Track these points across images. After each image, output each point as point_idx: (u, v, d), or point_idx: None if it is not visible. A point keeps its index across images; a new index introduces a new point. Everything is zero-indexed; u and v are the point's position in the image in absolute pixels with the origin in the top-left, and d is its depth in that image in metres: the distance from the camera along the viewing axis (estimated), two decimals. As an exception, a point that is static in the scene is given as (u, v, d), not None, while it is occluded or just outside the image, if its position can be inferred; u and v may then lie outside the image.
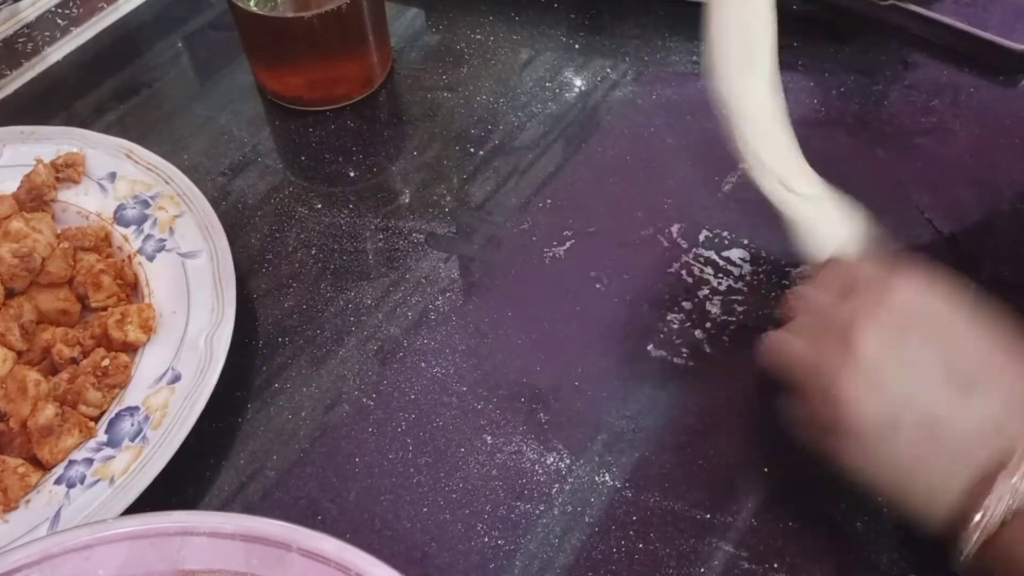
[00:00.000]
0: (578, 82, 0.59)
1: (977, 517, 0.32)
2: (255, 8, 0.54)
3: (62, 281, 0.46)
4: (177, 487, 0.41)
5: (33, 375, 0.42)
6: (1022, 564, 0.32)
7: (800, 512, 0.40)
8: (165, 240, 0.48)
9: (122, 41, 0.64)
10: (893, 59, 0.58)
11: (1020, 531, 0.32)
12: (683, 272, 0.48)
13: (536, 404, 0.44)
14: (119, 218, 0.49)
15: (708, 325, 0.46)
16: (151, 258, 0.47)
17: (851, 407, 0.35)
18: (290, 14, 0.54)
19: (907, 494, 0.35)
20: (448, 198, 0.53)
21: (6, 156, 0.52)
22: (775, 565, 0.38)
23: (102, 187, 0.51)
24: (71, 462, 0.40)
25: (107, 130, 0.55)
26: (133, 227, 0.49)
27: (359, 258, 0.50)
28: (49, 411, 0.40)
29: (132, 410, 0.42)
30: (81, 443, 0.41)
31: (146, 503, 0.39)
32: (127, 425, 0.41)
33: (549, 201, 0.52)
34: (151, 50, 0.63)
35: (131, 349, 0.44)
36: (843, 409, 0.35)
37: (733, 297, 0.47)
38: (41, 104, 0.60)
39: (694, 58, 0.60)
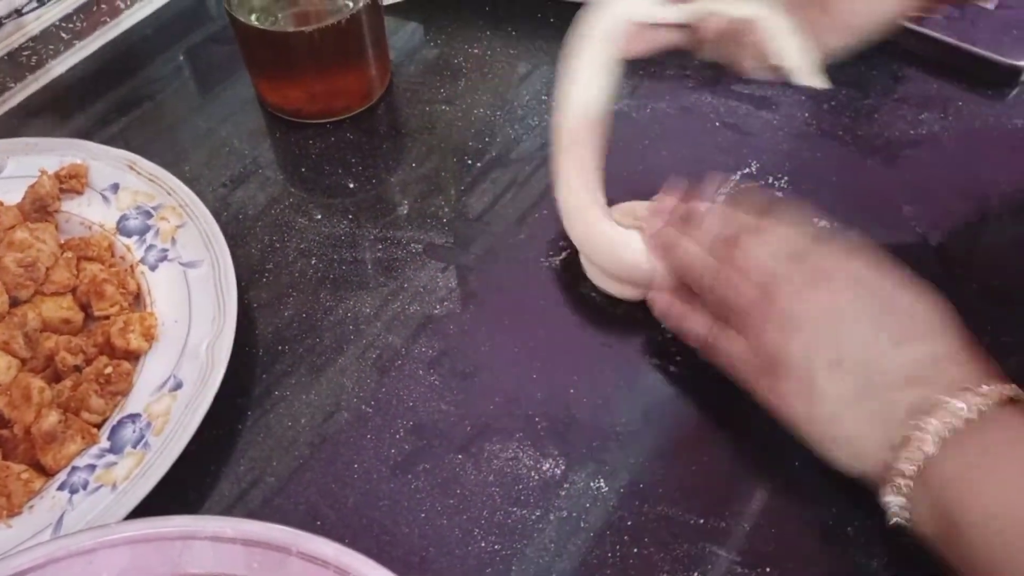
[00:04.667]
0: (574, 95, 0.60)
1: (901, 464, 0.34)
2: (256, 22, 0.55)
3: (65, 290, 0.47)
4: (179, 493, 0.42)
5: (37, 382, 0.42)
6: (949, 510, 0.33)
7: (792, 517, 0.40)
8: (167, 250, 0.48)
9: (125, 54, 0.65)
10: (884, 73, 0.60)
11: (947, 472, 0.33)
12: (677, 282, 0.49)
13: (532, 411, 0.44)
14: (122, 228, 0.50)
15: (702, 334, 0.47)
16: (153, 268, 0.48)
17: (779, 351, 0.37)
18: (290, 28, 0.55)
19: (835, 440, 0.37)
20: (446, 209, 0.54)
21: (10, 167, 0.53)
22: (767, 569, 0.39)
23: (105, 198, 0.51)
24: (74, 468, 0.41)
25: (110, 142, 0.55)
26: (136, 237, 0.49)
27: (358, 268, 0.51)
28: (52, 418, 0.41)
29: (134, 417, 0.42)
30: (84, 449, 0.42)
31: (148, 509, 0.39)
32: (129, 432, 0.42)
33: (545, 212, 0.53)
34: (153, 63, 0.64)
35: (133, 357, 0.45)
36: (772, 352, 0.38)
37: (726, 306, 0.48)
38: (45, 116, 0.61)
39: (687, 72, 0.61)
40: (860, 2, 0.44)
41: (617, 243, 0.46)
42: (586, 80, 0.46)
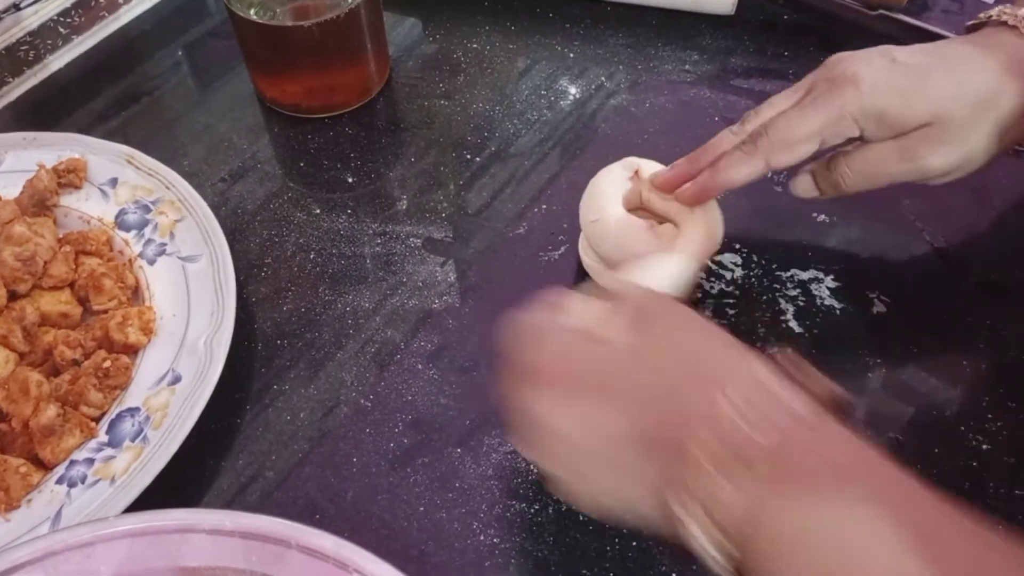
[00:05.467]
0: (573, 90, 0.60)
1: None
2: (255, 17, 0.55)
3: (64, 284, 0.47)
4: (177, 487, 0.42)
5: (35, 376, 0.42)
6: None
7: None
8: (166, 244, 0.48)
9: (123, 49, 0.65)
10: (883, 68, 0.59)
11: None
12: (676, 276, 0.49)
13: (531, 405, 0.44)
14: (120, 223, 0.50)
15: (701, 328, 0.47)
16: (152, 262, 0.48)
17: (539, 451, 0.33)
18: (289, 23, 0.55)
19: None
20: (445, 204, 0.54)
21: (9, 162, 0.53)
22: (766, 563, 0.39)
23: (104, 192, 0.51)
24: (72, 462, 0.41)
25: (108, 136, 0.55)
26: (134, 231, 0.49)
27: (357, 263, 0.51)
28: (51, 411, 0.41)
29: (133, 411, 0.42)
30: (82, 443, 0.42)
31: (146, 503, 0.39)
32: (128, 425, 0.42)
33: (544, 206, 0.53)
34: (152, 58, 0.64)
35: (132, 351, 0.45)
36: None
37: (725, 300, 0.48)
38: (43, 111, 0.61)
39: (686, 67, 0.61)
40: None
41: (625, 229, 0.45)
42: None
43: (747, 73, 0.60)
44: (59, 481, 0.40)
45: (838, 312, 0.47)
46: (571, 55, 0.62)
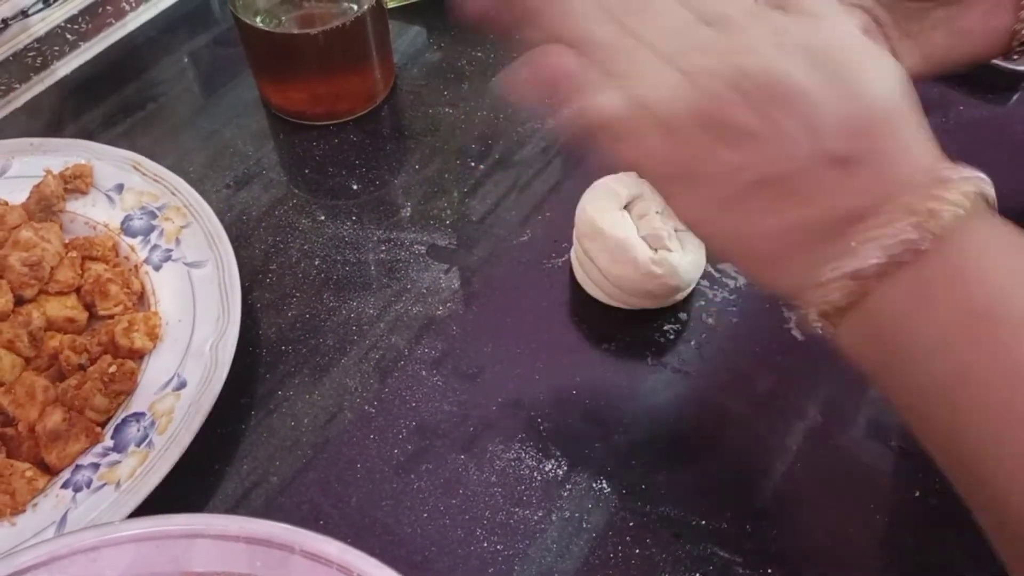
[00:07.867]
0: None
1: (831, 273, 0.28)
2: (260, 24, 0.55)
3: (70, 290, 0.47)
4: (182, 492, 0.42)
5: (41, 381, 0.42)
6: (893, 331, 0.28)
7: (793, 518, 0.41)
8: (171, 250, 0.49)
9: (130, 56, 0.65)
10: (885, 78, 0.60)
11: (891, 295, 0.28)
12: (679, 284, 0.49)
13: (535, 412, 0.45)
14: (126, 228, 0.50)
15: (703, 335, 0.47)
16: (157, 267, 0.48)
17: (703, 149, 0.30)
18: (295, 30, 0.55)
19: (752, 250, 0.31)
20: (449, 211, 0.54)
21: (16, 167, 0.53)
22: (768, 570, 0.39)
23: (110, 198, 0.52)
24: (78, 466, 0.41)
25: (114, 143, 0.56)
26: (140, 237, 0.50)
27: (361, 269, 0.51)
28: (57, 416, 0.41)
29: (138, 416, 0.43)
30: (88, 448, 0.42)
31: (151, 508, 0.39)
32: (133, 430, 0.42)
33: (548, 214, 0.53)
34: (158, 65, 0.64)
35: (137, 356, 0.45)
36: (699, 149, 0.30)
37: (727, 308, 0.48)
38: (50, 117, 0.61)
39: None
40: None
41: (625, 242, 0.45)
42: None
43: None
44: (65, 485, 0.41)
45: (840, 320, 0.47)
46: (575, 63, 0.62)
